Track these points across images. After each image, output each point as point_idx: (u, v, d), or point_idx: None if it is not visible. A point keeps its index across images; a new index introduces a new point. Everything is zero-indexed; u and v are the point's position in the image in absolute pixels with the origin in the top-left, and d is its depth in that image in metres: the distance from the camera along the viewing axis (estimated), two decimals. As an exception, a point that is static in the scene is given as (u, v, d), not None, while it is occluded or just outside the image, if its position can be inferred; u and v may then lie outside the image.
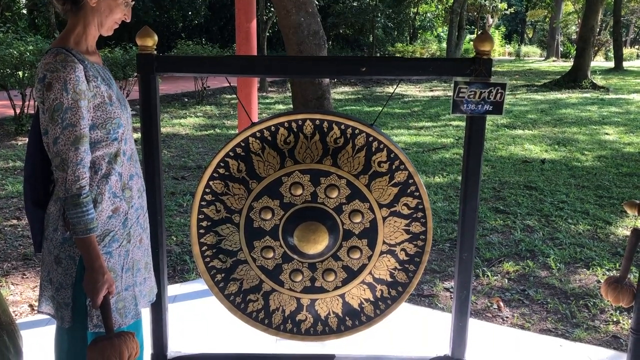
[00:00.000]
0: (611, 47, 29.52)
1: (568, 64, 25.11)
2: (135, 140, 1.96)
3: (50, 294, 1.79)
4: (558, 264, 4.14)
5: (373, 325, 2.50)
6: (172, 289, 3.54)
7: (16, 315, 3.32)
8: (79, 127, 1.62)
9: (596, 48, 29.08)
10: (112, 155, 1.75)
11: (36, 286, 3.65)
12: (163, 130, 9.77)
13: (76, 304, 1.75)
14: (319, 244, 2.33)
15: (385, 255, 2.41)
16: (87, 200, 1.64)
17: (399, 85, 18.78)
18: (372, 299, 2.47)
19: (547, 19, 38.67)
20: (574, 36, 36.46)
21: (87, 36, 1.74)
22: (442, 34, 36.06)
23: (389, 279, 2.44)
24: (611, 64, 26.31)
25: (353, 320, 2.49)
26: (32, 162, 1.77)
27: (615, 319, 3.37)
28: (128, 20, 1.84)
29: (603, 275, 3.97)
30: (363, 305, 2.47)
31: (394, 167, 2.32)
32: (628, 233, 4.57)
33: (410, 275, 2.44)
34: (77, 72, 1.62)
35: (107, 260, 1.74)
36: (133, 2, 1.83)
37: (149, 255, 1.99)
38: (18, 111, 9.36)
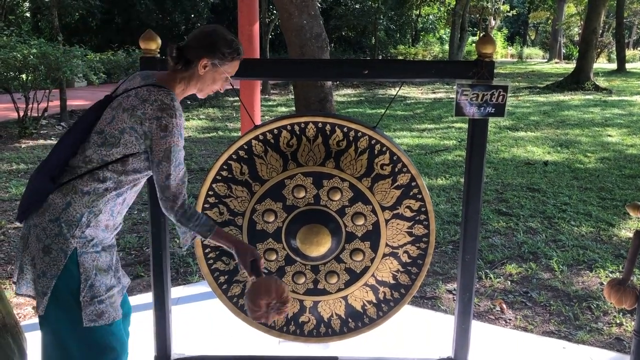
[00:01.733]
0: (614, 48, 29.49)
1: (570, 66, 25.06)
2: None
3: (31, 277, 1.81)
4: (561, 266, 4.14)
5: (376, 327, 2.50)
6: (175, 292, 3.55)
7: (20, 317, 3.33)
8: (183, 164, 1.85)
9: (599, 50, 29.07)
10: (133, 185, 1.88)
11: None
12: (166, 132, 9.75)
13: (55, 295, 1.76)
14: (321, 247, 2.34)
15: (388, 257, 2.42)
16: (194, 210, 1.87)
17: (401, 88, 18.77)
18: (374, 301, 2.47)
19: (550, 21, 38.67)
20: (577, 38, 36.41)
21: (184, 92, 1.92)
22: (444, 36, 36.04)
23: (392, 281, 2.45)
24: (614, 66, 26.27)
25: (356, 322, 2.49)
26: (70, 151, 1.82)
27: (618, 321, 3.37)
28: (222, 91, 2.00)
29: (606, 277, 3.96)
30: (366, 307, 2.48)
31: (396, 169, 2.33)
32: (631, 235, 4.57)
33: (413, 278, 2.44)
34: (182, 119, 1.83)
35: (96, 260, 1.80)
36: (231, 78, 1.99)
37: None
38: (22, 114, 9.39)
